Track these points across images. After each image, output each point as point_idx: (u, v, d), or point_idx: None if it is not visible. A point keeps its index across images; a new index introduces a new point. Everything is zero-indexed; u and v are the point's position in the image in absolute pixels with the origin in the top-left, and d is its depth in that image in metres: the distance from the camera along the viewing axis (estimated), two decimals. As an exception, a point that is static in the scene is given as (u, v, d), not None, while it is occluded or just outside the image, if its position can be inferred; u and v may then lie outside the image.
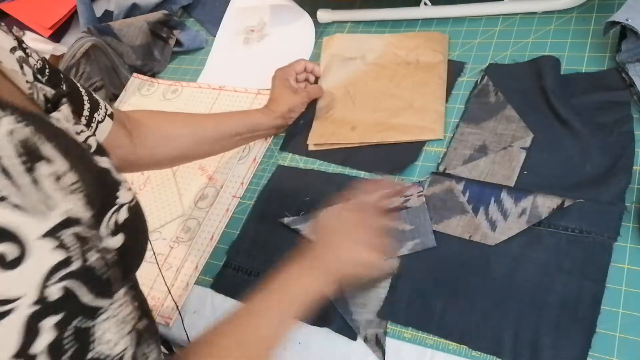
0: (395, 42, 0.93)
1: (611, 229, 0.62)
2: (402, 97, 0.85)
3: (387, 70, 0.90)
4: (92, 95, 0.64)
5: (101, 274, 0.38)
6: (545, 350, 0.58)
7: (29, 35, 1.27)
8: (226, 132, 0.81)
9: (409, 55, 0.90)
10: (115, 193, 0.44)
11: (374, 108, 0.86)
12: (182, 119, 0.79)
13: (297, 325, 0.59)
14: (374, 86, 0.89)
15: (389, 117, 0.84)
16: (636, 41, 0.70)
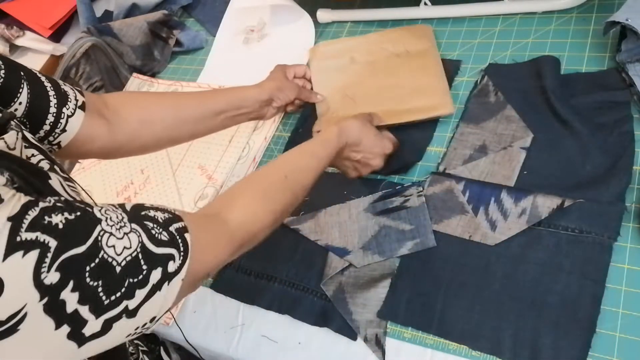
0: (379, 38, 0.93)
1: (611, 229, 0.62)
2: (403, 85, 0.85)
3: (379, 65, 0.90)
4: (59, 88, 0.61)
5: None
6: (545, 350, 0.58)
7: (29, 35, 1.27)
8: (210, 111, 0.77)
9: (397, 47, 0.90)
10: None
11: (378, 102, 0.85)
12: (162, 100, 0.76)
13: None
14: (371, 83, 0.88)
15: (397, 105, 0.84)
16: (636, 41, 0.70)
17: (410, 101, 0.83)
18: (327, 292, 0.72)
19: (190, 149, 0.98)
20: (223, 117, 0.79)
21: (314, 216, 0.78)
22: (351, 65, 0.92)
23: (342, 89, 0.90)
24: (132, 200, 0.95)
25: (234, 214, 0.54)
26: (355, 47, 0.94)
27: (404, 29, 0.92)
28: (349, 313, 0.69)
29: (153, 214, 0.45)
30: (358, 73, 0.91)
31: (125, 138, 0.69)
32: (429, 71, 0.85)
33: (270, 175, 0.62)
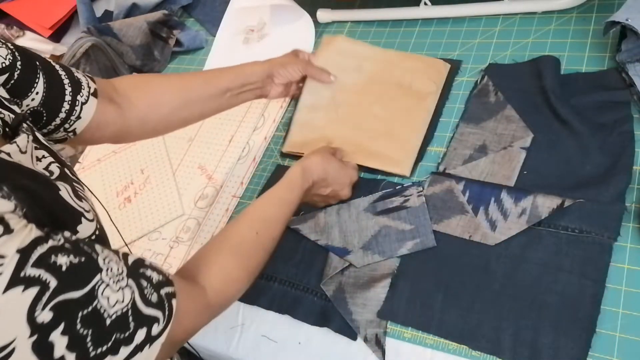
0: (395, 60, 0.89)
1: (611, 229, 0.62)
2: (384, 119, 0.83)
3: (377, 87, 0.87)
4: (73, 75, 0.62)
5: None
6: (545, 350, 0.58)
7: (29, 35, 1.28)
8: (216, 89, 0.77)
9: (404, 77, 0.86)
10: (75, 226, 0.44)
11: (355, 125, 0.84)
12: (169, 83, 0.76)
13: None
14: (360, 100, 0.86)
15: (366, 140, 0.83)
16: (636, 41, 0.70)
17: (379, 141, 0.82)
18: (327, 292, 0.72)
19: (190, 149, 0.98)
20: (229, 95, 0.78)
21: (314, 216, 0.78)
22: (356, 72, 0.90)
23: (334, 90, 0.88)
24: (132, 201, 0.95)
25: (211, 280, 0.55)
26: (370, 56, 0.91)
27: (424, 61, 0.88)
28: (349, 313, 0.69)
29: (149, 273, 0.46)
30: (355, 84, 0.89)
31: (136, 122, 0.70)
32: (412, 120, 0.82)
33: (242, 234, 0.62)
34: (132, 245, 0.90)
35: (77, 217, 0.45)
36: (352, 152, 0.82)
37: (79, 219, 0.45)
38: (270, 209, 0.66)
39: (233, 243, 0.61)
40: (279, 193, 0.69)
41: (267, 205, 0.67)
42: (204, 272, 0.55)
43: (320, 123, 0.86)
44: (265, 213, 0.66)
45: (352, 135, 0.84)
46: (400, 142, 0.81)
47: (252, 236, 0.62)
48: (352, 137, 0.83)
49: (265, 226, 0.64)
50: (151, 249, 0.89)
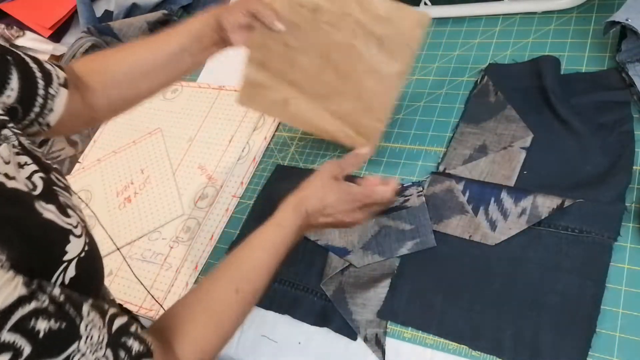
0: (364, 5, 0.71)
1: (611, 229, 0.62)
2: (349, 78, 0.72)
3: (339, 35, 0.72)
4: (43, 67, 0.59)
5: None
6: (545, 350, 0.58)
7: (29, 35, 1.28)
8: (169, 53, 0.71)
9: (374, 27, 0.70)
10: (64, 247, 0.42)
11: (314, 81, 0.73)
12: (121, 59, 0.71)
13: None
14: (319, 48, 0.72)
15: (327, 103, 0.73)
16: (636, 41, 0.70)
17: (343, 108, 0.73)
18: (327, 292, 0.72)
19: (190, 149, 0.98)
20: (188, 55, 0.72)
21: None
22: (310, 16, 0.72)
23: (287, 45, 0.74)
24: (132, 201, 0.95)
25: (185, 351, 0.52)
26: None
27: (399, 8, 0.70)
28: (349, 313, 0.69)
29: (131, 343, 0.44)
30: (312, 27, 0.72)
31: (99, 105, 0.68)
32: (382, 86, 0.72)
33: (219, 295, 0.56)
34: (132, 245, 0.90)
35: (65, 236, 0.43)
36: (312, 121, 0.75)
37: (67, 238, 0.43)
38: (254, 257, 0.60)
39: (209, 306, 0.55)
40: (265, 235, 0.62)
41: (250, 252, 0.60)
42: (179, 341, 0.52)
43: (272, 84, 0.75)
44: (247, 263, 0.59)
45: (312, 97, 0.74)
46: (367, 113, 0.73)
47: (231, 296, 0.56)
48: (311, 99, 0.74)
49: (248, 280, 0.58)
50: (151, 249, 0.89)
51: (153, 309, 0.80)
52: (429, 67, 0.90)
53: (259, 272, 0.59)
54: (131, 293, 0.84)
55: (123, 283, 0.86)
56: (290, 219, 0.63)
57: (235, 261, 0.59)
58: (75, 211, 0.47)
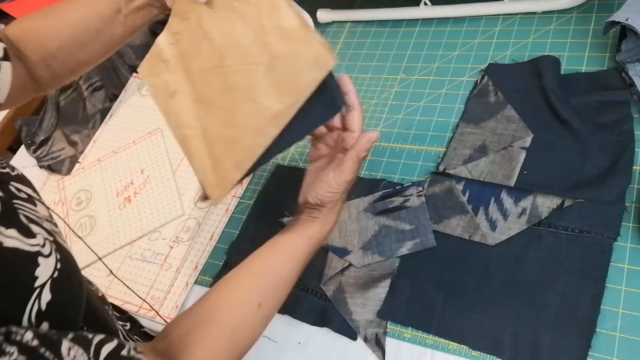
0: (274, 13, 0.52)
1: (611, 229, 0.62)
2: (231, 94, 0.57)
3: (243, 33, 0.55)
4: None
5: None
6: (545, 350, 0.58)
7: (29, 35, 1.27)
8: (103, 15, 0.64)
9: (273, 40, 0.52)
10: (33, 272, 0.39)
11: (204, 79, 0.60)
12: (56, 24, 0.65)
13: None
14: (222, 40, 0.58)
15: (206, 117, 0.59)
16: (636, 41, 0.70)
17: (212, 140, 0.59)
18: (327, 292, 0.72)
19: (190, 149, 0.98)
20: (123, 19, 0.66)
21: None
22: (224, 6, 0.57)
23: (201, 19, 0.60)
24: (132, 201, 0.95)
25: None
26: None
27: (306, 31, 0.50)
28: (349, 313, 0.69)
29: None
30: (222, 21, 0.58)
31: (42, 78, 0.65)
32: (256, 127, 0.54)
33: (241, 306, 0.50)
34: (132, 245, 0.90)
35: (33, 260, 0.39)
36: (180, 128, 0.61)
37: (35, 262, 0.39)
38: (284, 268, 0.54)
39: (227, 322, 0.50)
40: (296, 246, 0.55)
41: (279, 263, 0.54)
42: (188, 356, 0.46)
43: (172, 66, 0.63)
44: (275, 275, 0.53)
45: (192, 105, 0.61)
46: (229, 151, 0.57)
47: (253, 310, 0.51)
48: (190, 108, 0.61)
49: (273, 293, 0.52)
50: (151, 249, 0.89)
51: (153, 309, 0.80)
52: (429, 67, 0.90)
53: (285, 285, 0.54)
54: (131, 293, 0.84)
55: (123, 283, 0.86)
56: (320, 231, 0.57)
57: (261, 271, 0.54)
58: (41, 225, 0.43)
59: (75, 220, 0.97)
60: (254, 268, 0.54)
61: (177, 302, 0.81)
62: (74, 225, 0.96)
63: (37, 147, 1.10)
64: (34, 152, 1.09)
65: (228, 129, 0.57)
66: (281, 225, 0.80)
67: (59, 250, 0.42)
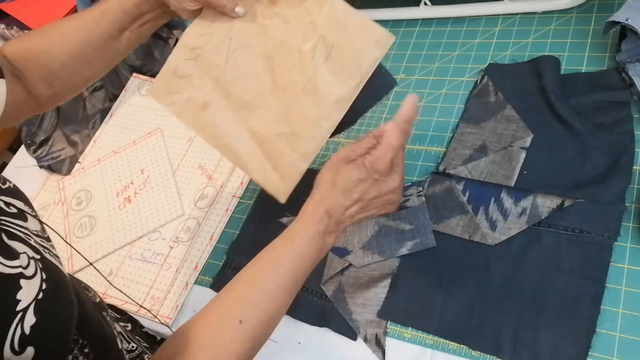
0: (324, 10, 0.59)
1: (611, 229, 0.62)
2: (284, 91, 0.60)
3: (290, 33, 0.61)
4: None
5: None
6: (545, 350, 0.58)
7: (29, 35, 1.27)
8: (108, 33, 0.63)
9: (329, 32, 0.59)
10: (15, 296, 0.37)
11: (244, 85, 0.62)
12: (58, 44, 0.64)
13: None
14: (263, 45, 0.61)
15: (250, 119, 0.61)
16: (636, 41, 0.70)
17: (264, 129, 0.60)
18: (327, 292, 0.72)
19: (190, 149, 0.98)
20: (128, 35, 0.65)
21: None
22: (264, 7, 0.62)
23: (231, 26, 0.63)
24: (132, 201, 0.95)
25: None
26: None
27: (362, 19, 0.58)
28: (349, 313, 0.69)
29: None
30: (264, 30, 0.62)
31: (43, 95, 0.64)
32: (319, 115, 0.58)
33: (221, 324, 0.48)
34: (132, 245, 0.90)
35: (14, 283, 0.38)
36: (222, 139, 0.62)
37: (17, 285, 0.38)
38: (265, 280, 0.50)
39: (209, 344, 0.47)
40: (277, 253, 0.52)
41: (260, 274, 0.51)
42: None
43: (196, 79, 0.63)
44: (255, 289, 0.50)
45: (233, 105, 0.62)
46: (290, 145, 0.59)
47: (234, 326, 0.48)
48: (232, 109, 0.62)
49: (256, 309, 0.49)
50: (151, 249, 0.89)
51: (153, 309, 0.80)
52: (429, 67, 0.90)
53: (269, 299, 0.50)
54: (131, 293, 0.84)
55: (123, 283, 0.86)
56: (306, 229, 0.54)
57: (241, 286, 0.51)
58: (27, 242, 0.42)
59: (75, 220, 0.97)
60: (235, 282, 0.51)
61: (177, 302, 0.81)
62: (74, 225, 0.96)
63: (37, 147, 1.10)
64: (34, 152, 1.09)
65: (283, 126, 0.59)
66: (281, 225, 0.80)
67: (45, 269, 0.41)
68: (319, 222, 0.54)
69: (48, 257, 0.43)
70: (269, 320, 0.50)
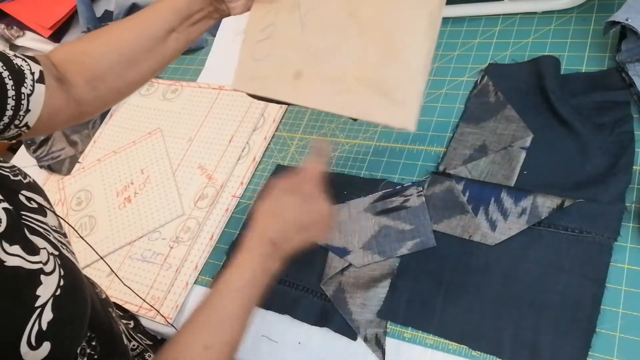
0: None
1: (611, 229, 0.62)
2: (371, 31, 0.57)
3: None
4: (12, 65, 0.54)
5: None
6: (544, 350, 0.58)
7: (29, 35, 1.28)
8: (156, 35, 0.63)
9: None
10: (35, 291, 0.38)
11: (332, 45, 0.59)
12: (102, 47, 0.64)
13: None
14: (332, 2, 0.60)
15: (350, 71, 0.58)
16: (636, 41, 0.70)
17: (369, 73, 0.57)
18: (327, 292, 0.72)
19: (190, 148, 0.98)
20: (176, 36, 0.64)
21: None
22: None
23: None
24: (132, 201, 0.95)
25: None
26: None
27: None
28: (349, 313, 0.69)
29: None
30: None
31: (86, 100, 0.63)
32: (416, 47, 0.55)
33: (186, 350, 0.51)
34: (132, 245, 0.90)
35: (34, 279, 0.39)
36: (332, 94, 0.59)
37: (37, 281, 0.39)
38: (221, 307, 0.54)
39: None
40: (228, 281, 0.56)
41: (217, 301, 0.54)
42: None
43: (280, 55, 0.62)
44: (214, 315, 0.53)
45: (331, 66, 0.59)
46: (398, 77, 0.56)
47: (199, 354, 0.51)
48: (330, 68, 0.59)
49: (217, 334, 0.52)
50: (151, 249, 0.89)
51: (153, 309, 0.80)
52: (429, 67, 0.89)
53: (229, 323, 0.53)
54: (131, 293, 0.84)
55: (123, 283, 0.86)
56: (253, 257, 0.57)
57: (201, 314, 0.54)
58: (47, 238, 0.42)
59: (75, 220, 0.97)
60: (197, 312, 0.54)
61: (177, 302, 0.81)
62: (74, 225, 0.96)
63: (37, 147, 1.10)
64: (34, 152, 1.10)
65: (385, 58, 0.56)
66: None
67: (64, 265, 0.42)
68: (264, 249, 0.57)
69: (66, 253, 0.44)
70: (231, 342, 0.53)
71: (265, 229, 0.58)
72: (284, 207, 0.59)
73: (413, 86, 0.55)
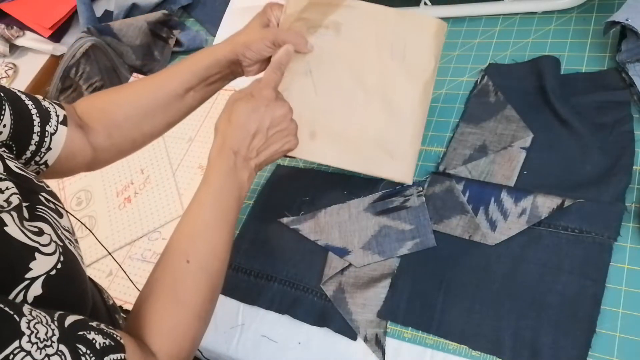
0: (382, 20, 0.71)
1: (611, 229, 0.62)
2: (375, 105, 0.71)
3: (363, 57, 0.71)
4: (40, 105, 0.58)
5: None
6: (545, 350, 0.58)
7: (29, 35, 1.28)
8: (174, 93, 0.68)
9: (396, 43, 0.71)
10: (27, 263, 0.40)
11: (342, 108, 0.71)
12: (122, 99, 0.69)
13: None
14: (342, 70, 0.71)
15: (354, 132, 0.71)
16: (636, 41, 0.70)
17: (371, 140, 0.71)
18: (327, 292, 0.72)
19: (190, 149, 0.98)
20: (193, 94, 0.69)
21: (314, 216, 0.78)
22: (332, 36, 0.71)
23: (308, 59, 0.70)
24: (132, 201, 0.95)
25: (162, 345, 0.48)
26: (348, 17, 0.71)
27: (417, 22, 0.71)
28: (349, 313, 0.69)
29: (92, 336, 0.40)
30: (334, 47, 0.71)
31: (102, 146, 0.66)
32: (412, 108, 0.71)
33: (172, 270, 0.53)
34: (132, 245, 0.90)
35: (29, 253, 0.40)
36: (342, 152, 0.71)
37: (32, 255, 0.40)
38: (195, 223, 0.56)
39: (167, 285, 0.52)
40: (198, 198, 0.58)
41: (189, 218, 0.57)
42: (152, 336, 0.48)
43: (297, 105, 0.68)
44: (190, 231, 0.56)
45: (339, 125, 0.70)
46: (398, 137, 0.71)
47: (183, 268, 0.53)
48: (339, 128, 0.70)
49: (196, 247, 0.54)
50: (151, 249, 0.89)
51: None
52: (429, 67, 0.89)
53: (205, 237, 0.56)
54: (131, 293, 0.84)
55: (123, 283, 0.86)
56: (217, 169, 0.59)
57: (177, 232, 0.56)
58: (56, 231, 0.44)
59: (75, 221, 0.97)
60: (175, 232, 0.56)
61: (177, 302, 0.81)
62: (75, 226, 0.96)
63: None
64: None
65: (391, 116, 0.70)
66: (281, 225, 0.80)
67: (65, 254, 0.43)
68: (227, 160, 0.59)
69: (71, 249, 0.45)
70: (213, 252, 0.56)
71: (224, 139, 0.60)
72: (239, 114, 0.61)
73: (411, 147, 0.71)
